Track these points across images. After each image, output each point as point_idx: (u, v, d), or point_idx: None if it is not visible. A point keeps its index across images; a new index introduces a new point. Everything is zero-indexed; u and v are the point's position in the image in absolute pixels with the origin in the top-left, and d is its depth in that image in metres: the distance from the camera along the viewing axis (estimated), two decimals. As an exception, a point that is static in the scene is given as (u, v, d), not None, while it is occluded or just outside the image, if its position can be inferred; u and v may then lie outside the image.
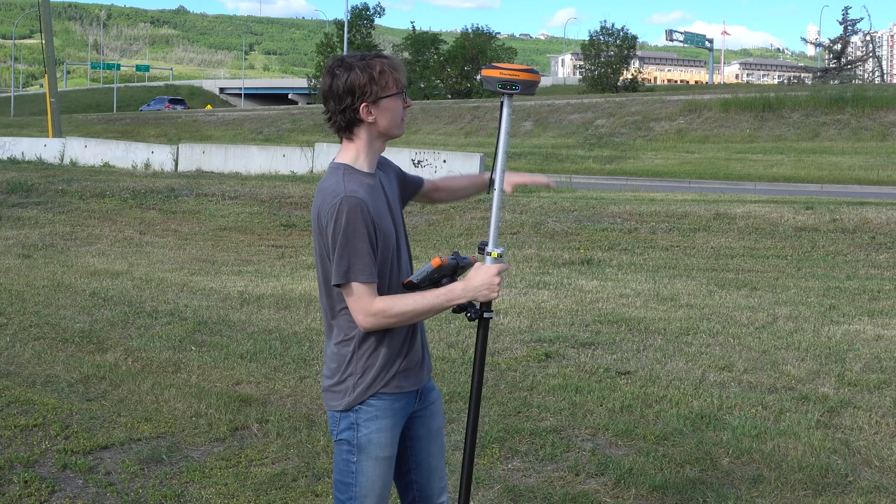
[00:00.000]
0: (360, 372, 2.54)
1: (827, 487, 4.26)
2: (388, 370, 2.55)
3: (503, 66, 2.54)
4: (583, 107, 38.88)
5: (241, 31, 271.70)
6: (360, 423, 2.54)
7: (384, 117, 2.53)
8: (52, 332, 7.16)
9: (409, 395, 2.62)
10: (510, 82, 2.53)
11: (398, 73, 2.52)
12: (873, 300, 8.80)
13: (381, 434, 2.55)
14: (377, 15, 64.91)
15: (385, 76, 2.49)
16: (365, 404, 2.55)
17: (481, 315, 2.57)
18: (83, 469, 4.38)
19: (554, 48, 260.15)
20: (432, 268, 2.51)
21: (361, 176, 2.53)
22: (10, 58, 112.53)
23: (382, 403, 2.55)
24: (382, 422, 2.55)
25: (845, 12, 53.74)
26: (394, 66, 2.52)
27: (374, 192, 2.53)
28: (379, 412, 2.55)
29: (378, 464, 2.56)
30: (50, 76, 26.63)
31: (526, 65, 2.62)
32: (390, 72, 2.50)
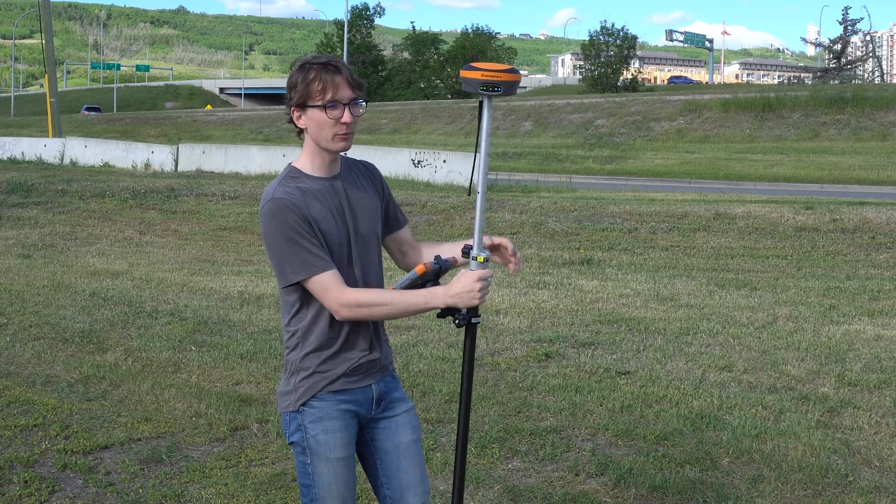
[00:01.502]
0: (302, 371, 2.53)
1: (827, 487, 4.26)
2: (329, 369, 2.52)
3: (483, 67, 2.41)
4: (583, 107, 38.90)
5: (241, 31, 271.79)
6: (306, 425, 2.51)
7: (311, 127, 2.45)
8: (52, 332, 7.16)
9: (358, 397, 2.56)
10: (492, 84, 2.40)
11: (334, 84, 2.40)
12: (873, 300, 8.80)
13: (328, 435, 2.51)
14: (377, 15, 64.98)
15: (316, 83, 2.40)
16: (308, 405, 2.52)
17: (469, 321, 2.50)
18: (83, 469, 4.38)
19: (554, 48, 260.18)
20: (416, 275, 2.48)
21: (307, 180, 2.49)
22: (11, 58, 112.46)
23: (326, 404, 2.51)
24: (329, 423, 2.51)
25: (845, 12, 53.80)
26: (332, 75, 2.40)
27: (320, 197, 2.47)
28: (323, 413, 2.51)
29: (331, 465, 2.52)
30: (50, 76, 26.64)
31: (506, 64, 2.52)
32: (326, 81, 2.40)
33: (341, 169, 2.58)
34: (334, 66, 2.42)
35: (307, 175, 2.50)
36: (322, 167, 2.52)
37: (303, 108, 2.44)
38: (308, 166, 2.52)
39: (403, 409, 2.66)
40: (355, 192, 2.57)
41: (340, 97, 2.41)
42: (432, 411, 5.25)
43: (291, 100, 2.45)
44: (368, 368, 2.58)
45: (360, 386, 2.57)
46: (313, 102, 2.42)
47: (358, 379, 2.56)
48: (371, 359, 2.58)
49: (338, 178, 2.55)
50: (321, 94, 2.40)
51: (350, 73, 2.46)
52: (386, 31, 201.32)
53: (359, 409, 2.58)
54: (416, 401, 5.42)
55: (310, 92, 2.41)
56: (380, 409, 2.62)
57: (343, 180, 2.56)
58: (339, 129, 2.44)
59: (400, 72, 66.61)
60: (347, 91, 2.42)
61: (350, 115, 2.43)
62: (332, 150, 2.48)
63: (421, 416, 5.16)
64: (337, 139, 2.45)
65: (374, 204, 2.61)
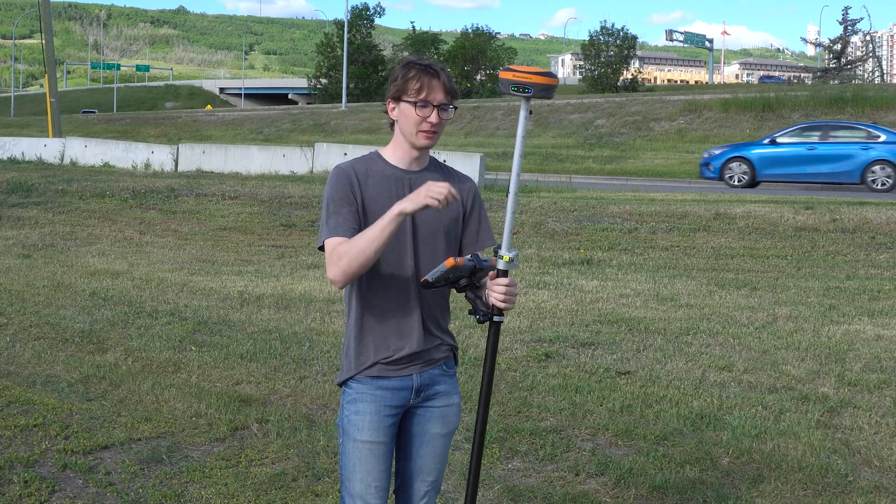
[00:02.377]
0: (349, 352, 2.66)
1: (827, 487, 4.26)
2: (370, 353, 2.63)
3: (518, 69, 2.55)
4: (583, 107, 38.90)
5: (241, 31, 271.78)
6: (344, 405, 2.66)
7: (401, 120, 2.62)
8: (52, 332, 7.16)
9: (396, 384, 2.64)
10: (522, 85, 2.53)
11: (430, 85, 2.56)
12: (873, 300, 8.80)
13: (359, 417, 2.61)
14: (377, 15, 64.92)
15: (413, 82, 2.56)
16: (348, 386, 2.66)
17: (491, 318, 2.60)
18: (83, 469, 4.38)
19: (554, 48, 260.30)
20: (446, 268, 2.52)
21: (383, 164, 2.65)
22: (11, 58, 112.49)
23: (363, 387, 2.63)
24: (361, 405, 2.61)
25: (845, 12, 53.81)
26: (430, 78, 2.56)
27: (386, 181, 2.61)
28: (358, 395, 2.63)
29: (357, 447, 2.61)
30: (50, 76, 26.64)
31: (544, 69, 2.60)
32: (423, 81, 2.56)
33: (427, 167, 2.70)
34: (434, 70, 2.60)
35: (385, 161, 2.67)
36: (403, 159, 2.66)
37: (398, 101, 2.61)
38: (390, 155, 2.68)
39: (443, 403, 2.74)
40: None
41: (432, 99, 2.58)
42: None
43: (389, 91, 2.63)
44: (410, 360, 2.65)
45: (400, 375, 2.64)
46: (407, 98, 2.58)
47: (398, 368, 2.64)
48: (413, 351, 2.64)
49: (418, 173, 2.66)
50: (416, 93, 2.57)
51: (447, 79, 2.62)
52: (386, 31, 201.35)
53: (395, 397, 2.64)
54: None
55: (406, 88, 2.58)
56: (419, 399, 2.70)
57: (424, 176, 2.65)
58: (424, 127, 2.59)
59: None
60: (440, 95, 2.59)
61: (437, 116, 2.58)
62: (415, 145, 2.62)
63: (421, 416, 5.16)
64: (420, 136, 2.60)
65: (450, 208, 2.63)
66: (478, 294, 2.66)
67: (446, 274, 2.53)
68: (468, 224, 2.76)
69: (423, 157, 2.69)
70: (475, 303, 2.63)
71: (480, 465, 2.75)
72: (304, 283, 9.55)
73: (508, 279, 2.58)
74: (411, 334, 2.63)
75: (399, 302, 2.62)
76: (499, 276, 2.59)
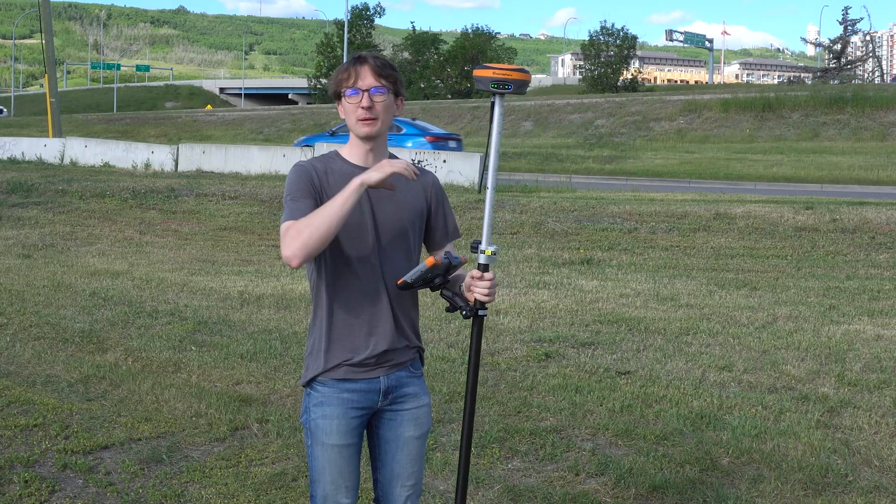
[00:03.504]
0: (314, 351, 2.63)
1: (827, 487, 4.26)
2: (336, 354, 2.59)
3: (496, 66, 2.59)
4: (583, 107, 38.90)
5: (241, 31, 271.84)
6: (310, 407, 2.62)
7: (345, 115, 2.62)
8: (52, 332, 7.16)
9: (363, 386, 2.60)
10: (503, 81, 2.58)
11: (357, 72, 2.56)
12: (873, 300, 8.80)
13: (327, 421, 2.58)
14: (377, 15, 64.93)
15: (343, 74, 2.59)
16: (313, 388, 2.62)
17: (476, 313, 2.61)
18: (83, 469, 4.38)
19: (554, 48, 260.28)
20: (426, 267, 2.52)
21: (341, 162, 2.63)
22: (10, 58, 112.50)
23: (329, 390, 2.59)
24: (328, 409, 2.58)
25: (845, 12, 53.78)
26: (358, 65, 2.57)
27: (345, 178, 2.53)
28: (325, 398, 2.59)
29: (326, 450, 2.59)
30: (50, 76, 26.63)
31: (518, 65, 2.65)
32: (351, 70, 2.57)
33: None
34: (362, 57, 2.61)
35: (342, 159, 2.66)
36: (359, 155, 2.65)
37: (339, 98, 2.63)
38: (346, 152, 2.67)
39: (413, 404, 2.69)
40: (400, 189, 2.62)
41: (360, 84, 2.56)
42: (433, 411, 5.24)
43: (330, 93, 2.67)
44: (377, 362, 2.61)
45: (367, 377, 2.61)
46: (340, 90, 2.60)
47: (364, 370, 2.60)
48: (381, 351, 2.61)
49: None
50: (346, 82, 2.58)
51: (377, 62, 2.60)
52: (386, 31, 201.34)
53: (363, 400, 2.61)
54: (416, 401, 5.42)
55: (339, 81, 2.60)
56: (387, 402, 2.66)
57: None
58: (359, 115, 2.57)
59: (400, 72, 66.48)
60: (370, 79, 2.57)
61: (368, 100, 2.56)
62: (359, 136, 2.61)
63: (421, 416, 5.15)
64: (360, 124, 2.59)
65: (412, 203, 2.65)
66: (455, 291, 2.65)
67: (425, 274, 2.53)
68: (435, 219, 2.73)
69: (378, 152, 2.64)
70: (454, 300, 2.63)
71: (469, 462, 2.75)
72: (304, 283, 9.55)
73: (491, 273, 2.61)
74: (379, 334, 2.60)
75: (366, 301, 2.58)
76: (479, 270, 2.60)
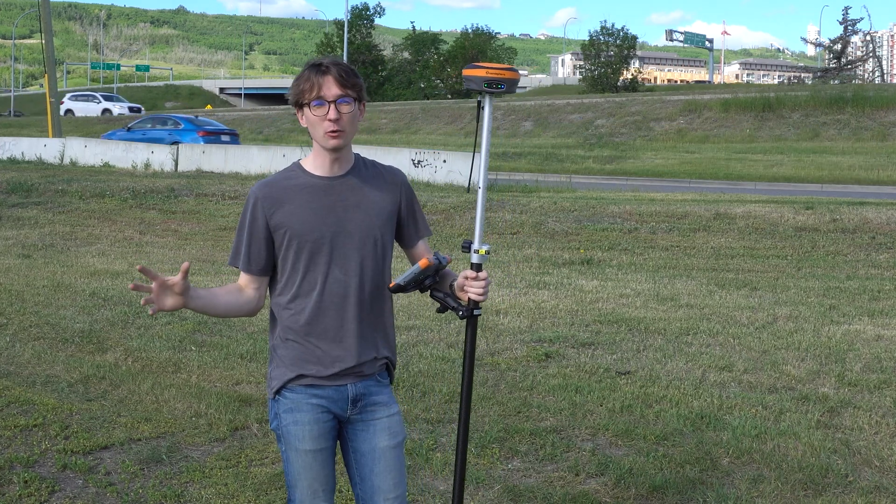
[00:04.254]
0: (278, 362, 2.62)
1: (827, 487, 4.26)
2: (300, 363, 2.57)
3: (487, 66, 2.56)
4: (583, 107, 38.88)
5: (241, 31, 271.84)
6: (280, 414, 2.59)
7: (308, 126, 2.54)
8: (52, 332, 7.16)
9: (331, 394, 2.58)
10: (496, 81, 2.56)
11: (320, 83, 2.46)
12: (873, 300, 8.80)
13: (298, 427, 2.56)
14: (377, 15, 64.94)
15: (305, 83, 2.48)
16: (282, 395, 2.60)
17: (471, 313, 2.61)
18: (83, 469, 4.38)
19: (554, 48, 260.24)
20: (420, 269, 2.52)
21: (304, 176, 2.57)
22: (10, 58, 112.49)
23: (298, 396, 2.57)
24: (299, 415, 2.56)
25: (845, 12, 53.77)
26: (321, 75, 2.47)
27: (306, 193, 2.53)
28: (294, 404, 2.57)
29: (300, 456, 2.57)
30: (50, 76, 26.62)
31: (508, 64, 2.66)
32: (313, 80, 2.47)
33: (351, 169, 2.60)
34: (324, 66, 2.48)
35: (306, 172, 2.59)
36: (323, 166, 2.57)
37: (300, 108, 2.52)
38: (310, 164, 2.60)
39: (384, 413, 2.64)
40: (360, 190, 2.59)
41: (325, 95, 2.46)
42: (432, 411, 5.25)
43: (290, 101, 2.56)
44: (343, 373, 2.59)
45: (334, 384, 2.59)
46: (303, 101, 2.50)
47: (331, 380, 2.58)
48: (347, 367, 2.58)
49: (341, 177, 2.58)
50: (309, 93, 2.48)
51: (341, 71, 2.48)
52: (386, 31, 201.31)
53: (332, 406, 2.59)
54: (415, 401, 5.42)
55: (301, 91, 2.50)
56: (356, 411, 2.62)
57: (348, 179, 2.59)
58: (326, 127, 2.48)
59: (400, 72, 66.59)
60: (335, 89, 2.47)
61: (335, 112, 2.47)
62: (327, 148, 2.53)
63: (421, 416, 5.16)
64: (327, 137, 2.50)
65: (381, 206, 2.61)
66: (445, 291, 2.63)
67: (418, 276, 2.52)
68: (407, 219, 2.70)
69: (344, 160, 2.58)
70: (445, 300, 2.61)
71: (466, 463, 2.74)
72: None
73: (484, 272, 2.60)
74: (347, 346, 2.57)
75: (334, 312, 2.55)
76: (473, 270, 2.60)
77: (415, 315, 7.72)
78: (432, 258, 2.54)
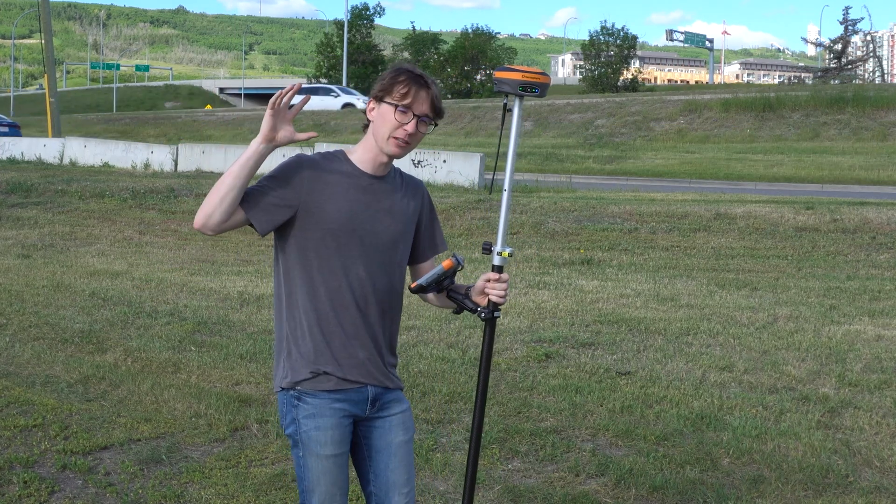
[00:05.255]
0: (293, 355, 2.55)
1: (827, 488, 4.25)
2: (321, 364, 2.53)
3: (522, 69, 2.58)
4: (583, 107, 38.88)
5: (240, 31, 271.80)
6: (300, 420, 2.56)
7: (377, 121, 2.52)
8: (51, 332, 7.15)
9: (353, 396, 2.58)
10: (531, 85, 2.56)
11: (416, 94, 2.47)
12: (874, 300, 8.80)
13: (320, 432, 2.54)
14: (377, 15, 64.90)
15: (401, 86, 2.48)
16: (303, 401, 2.55)
17: (493, 314, 2.62)
18: (83, 469, 4.37)
19: (554, 48, 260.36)
20: (443, 270, 2.55)
21: (348, 165, 2.56)
22: (10, 58, 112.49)
23: (320, 402, 2.54)
24: (321, 420, 2.54)
25: (845, 12, 53.74)
26: (420, 87, 2.48)
27: (348, 183, 2.52)
28: (316, 410, 2.54)
29: (320, 461, 2.55)
30: (49, 76, 26.62)
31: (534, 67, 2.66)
32: (411, 88, 2.47)
33: (389, 174, 2.62)
34: (425, 81, 2.51)
35: (350, 162, 2.57)
36: (370, 163, 2.57)
37: (380, 101, 2.51)
38: (357, 157, 2.59)
39: (398, 409, 2.68)
40: (393, 196, 2.60)
41: (415, 107, 2.49)
42: (432, 411, 5.24)
43: (374, 90, 2.53)
44: (365, 373, 2.59)
45: (355, 387, 2.58)
46: (390, 100, 2.49)
47: (351, 383, 2.58)
48: (366, 364, 2.58)
49: (381, 179, 2.59)
50: (401, 97, 2.48)
51: (436, 94, 2.53)
52: (386, 31, 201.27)
53: (353, 409, 2.59)
54: (415, 401, 5.42)
55: (392, 90, 2.49)
56: (375, 410, 2.64)
57: (386, 183, 2.60)
58: (399, 134, 2.50)
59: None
60: (425, 106, 2.51)
61: (415, 126, 2.50)
62: (384, 151, 2.53)
63: (421, 416, 5.15)
64: (392, 142, 2.51)
65: (408, 214, 2.63)
66: (463, 293, 2.65)
67: (440, 276, 2.54)
68: (425, 232, 2.72)
69: (389, 165, 2.60)
70: (464, 302, 2.63)
71: (478, 464, 2.75)
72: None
73: (506, 275, 2.62)
74: (366, 346, 2.57)
75: (354, 312, 2.54)
76: (494, 272, 2.61)
77: (415, 315, 7.71)
78: (453, 260, 2.57)
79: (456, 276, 2.62)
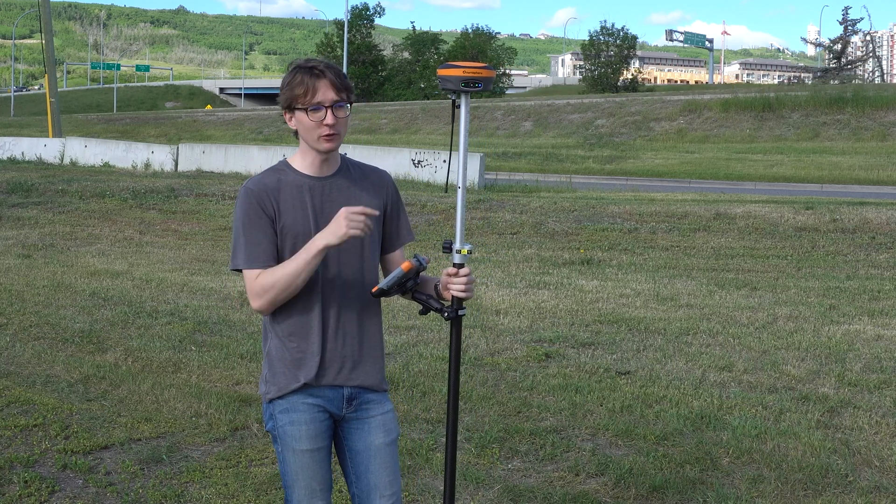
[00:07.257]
0: (274, 367, 2.59)
1: (827, 487, 4.26)
2: (296, 368, 2.56)
3: (463, 64, 2.55)
4: (583, 107, 38.89)
5: (240, 31, 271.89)
6: (276, 415, 2.59)
7: (300, 128, 2.53)
8: (52, 332, 7.16)
9: (327, 394, 2.59)
10: (474, 80, 2.56)
11: (315, 88, 2.45)
12: (873, 300, 8.80)
13: (294, 427, 2.56)
14: (377, 15, 64.94)
15: (299, 87, 2.46)
16: (279, 397, 2.59)
17: (456, 313, 2.61)
18: (83, 469, 4.38)
19: (554, 48, 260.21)
20: (402, 272, 2.52)
21: (292, 174, 2.56)
22: (10, 58, 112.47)
23: (294, 397, 2.57)
24: (295, 415, 2.56)
25: (845, 12, 53.78)
26: (315, 79, 2.46)
27: (296, 191, 2.53)
28: (290, 405, 2.57)
29: (297, 456, 2.57)
30: (50, 76, 26.63)
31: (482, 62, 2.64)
32: (308, 84, 2.45)
33: (338, 170, 2.61)
34: (319, 71, 2.48)
35: (294, 170, 2.58)
36: (312, 166, 2.58)
37: (291, 110, 2.52)
38: (298, 163, 2.59)
39: (378, 411, 2.66)
40: (347, 192, 2.59)
41: (322, 100, 2.47)
42: (432, 411, 5.25)
43: (280, 101, 2.55)
44: (339, 372, 2.60)
45: (331, 385, 2.60)
46: (297, 105, 2.49)
47: (327, 380, 2.59)
48: (347, 361, 2.59)
49: (329, 178, 2.59)
50: (304, 97, 2.47)
51: (336, 75, 2.49)
52: (386, 31, 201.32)
53: (328, 406, 2.60)
54: (415, 401, 5.42)
55: (294, 95, 2.48)
56: (352, 409, 2.64)
57: (336, 180, 2.59)
58: (322, 131, 2.49)
59: (400, 72, 66.57)
60: (331, 94, 2.48)
61: (332, 117, 2.48)
62: (320, 151, 2.53)
63: (421, 416, 5.16)
64: (322, 140, 2.51)
65: (369, 207, 2.59)
66: (427, 293, 2.64)
67: (401, 278, 2.52)
68: (390, 222, 2.70)
69: (332, 160, 2.59)
70: (428, 302, 2.62)
71: (456, 460, 2.74)
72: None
73: (466, 269, 2.61)
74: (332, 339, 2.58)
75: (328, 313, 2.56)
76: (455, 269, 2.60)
77: (415, 315, 7.71)
78: (413, 261, 2.54)
79: (418, 276, 2.58)
